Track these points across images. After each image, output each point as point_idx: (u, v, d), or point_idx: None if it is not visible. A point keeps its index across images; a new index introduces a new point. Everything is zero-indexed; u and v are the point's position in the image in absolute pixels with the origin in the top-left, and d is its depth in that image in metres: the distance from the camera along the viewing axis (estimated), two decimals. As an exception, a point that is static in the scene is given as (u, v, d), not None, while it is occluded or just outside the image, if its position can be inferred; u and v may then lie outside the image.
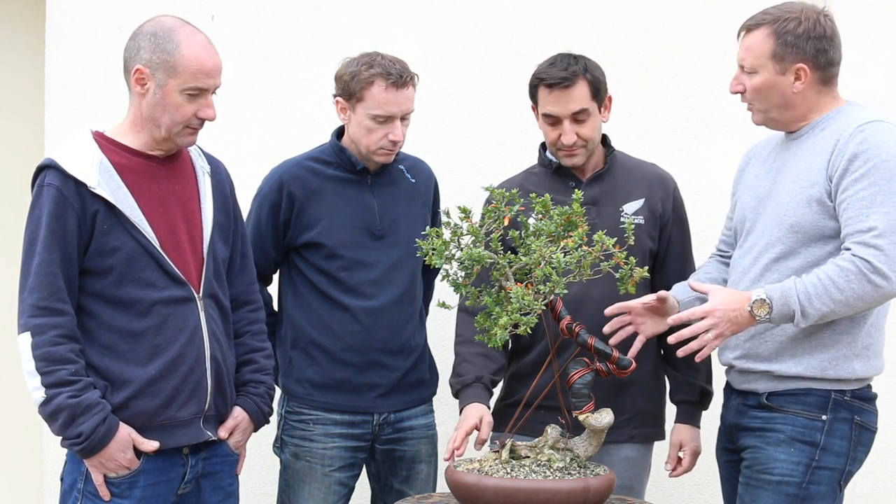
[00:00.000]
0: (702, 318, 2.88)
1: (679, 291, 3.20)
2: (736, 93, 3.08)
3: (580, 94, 3.27)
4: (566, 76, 3.25)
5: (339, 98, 3.46)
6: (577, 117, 3.28)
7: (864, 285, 2.82)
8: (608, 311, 3.12)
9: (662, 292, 3.13)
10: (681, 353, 2.92)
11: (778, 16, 3.01)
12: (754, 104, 3.06)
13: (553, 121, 3.30)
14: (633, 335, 3.16)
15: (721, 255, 3.32)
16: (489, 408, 3.26)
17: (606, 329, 3.13)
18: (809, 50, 2.99)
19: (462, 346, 3.34)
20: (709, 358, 3.40)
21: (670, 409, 3.49)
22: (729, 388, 3.20)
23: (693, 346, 2.90)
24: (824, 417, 2.98)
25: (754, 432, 3.06)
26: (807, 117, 3.04)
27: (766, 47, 2.99)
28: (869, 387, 3.05)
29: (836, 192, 2.92)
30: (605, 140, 3.42)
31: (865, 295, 2.84)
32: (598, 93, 3.31)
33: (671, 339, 2.92)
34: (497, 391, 3.46)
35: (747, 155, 3.29)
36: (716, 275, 3.27)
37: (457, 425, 3.18)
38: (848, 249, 2.86)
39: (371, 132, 3.41)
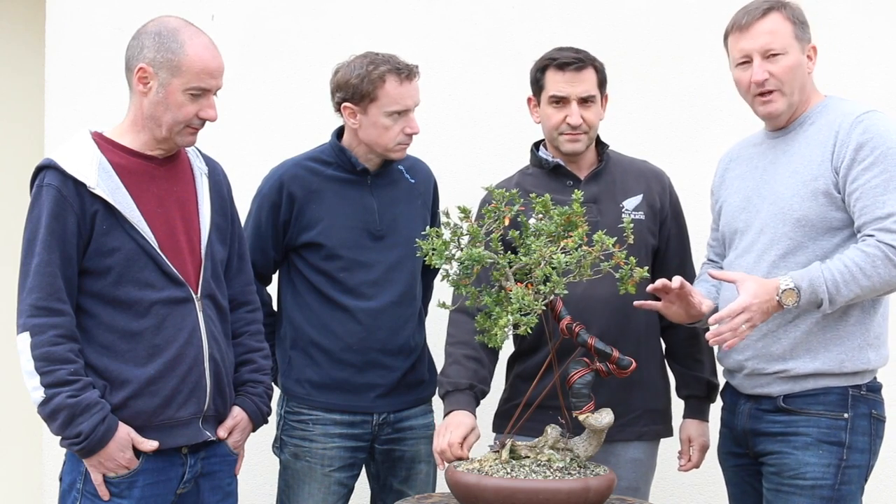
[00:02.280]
0: (739, 314, 2.86)
1: (703, 289, 3.17)
2: (762, 81, 3.02)
3: (589, 78, 3.32)
4: (579, 58, 3.31)
5: (347, 104, 3.44)
6: (584, 102, 3.30)
7: (891, 270, 2.84)
8: (653, 287, 3.05)
9: (709, 304, 3.09)
10: (712, 342, 2.90)
11: (775, 1, 3.04)
12: (782, 88, 3.03)
13: (560, 103, 3.31)
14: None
15: (713, 266, 3.29)
16: (475, 417, 3.20)
17: (636, 304, 3.09)
18: (810, 32, 3.06)
19: (454, 346, 3.30)
20: (712, 351, 3.40)
21: (677, 406, 3.48)
22: (734, 393, 3.17)
23: (727, 336, 2.87)
24: (846, 415, 2.97)
25: (775, 437, 3.03)
26: (798, 108, 3.06)
27: (788, 28, 3.02)
28: (875, 377, 3.06)
29: (843, 182, 2.93)
30: (596, 139, 3.43)
31: (892, 279, 2.86)
32: (603, 84, 3.36)
33: (709, 335, 2.90)
34: (499, 391, 3.46)
35: (724, 160, 3.28)
36: (712, 288, 3.20)
37: (442, 429, 3.11)
38: (871, 236, 2.86)
39: (388, 130, 3.42)
